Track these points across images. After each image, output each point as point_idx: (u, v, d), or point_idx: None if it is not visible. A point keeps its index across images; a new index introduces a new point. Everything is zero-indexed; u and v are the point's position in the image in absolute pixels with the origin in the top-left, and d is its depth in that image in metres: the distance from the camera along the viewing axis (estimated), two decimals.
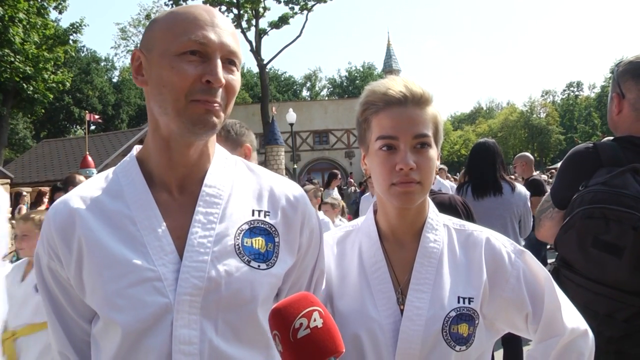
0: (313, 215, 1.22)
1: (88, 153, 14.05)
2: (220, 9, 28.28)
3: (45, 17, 22.40)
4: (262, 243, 1.10)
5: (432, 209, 1.32)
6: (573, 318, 1.26)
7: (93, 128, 37.85)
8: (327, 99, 51.00)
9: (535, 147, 52.31)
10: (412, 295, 1.22)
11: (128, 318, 0.98)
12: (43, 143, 24.45)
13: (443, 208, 1.38)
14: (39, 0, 21.74)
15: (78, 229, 1.04)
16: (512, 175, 4.95)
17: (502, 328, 1.31)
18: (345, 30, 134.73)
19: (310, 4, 29.42)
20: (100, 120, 31.44)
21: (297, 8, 29.55)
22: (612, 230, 1.57)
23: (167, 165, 1.11)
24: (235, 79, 1.08)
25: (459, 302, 1.21)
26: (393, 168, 1.18)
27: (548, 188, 2.62)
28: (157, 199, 1.08)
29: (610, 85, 1.89)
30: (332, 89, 63.96)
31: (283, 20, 29.45)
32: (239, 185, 1.16)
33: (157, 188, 1.10)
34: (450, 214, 1.39)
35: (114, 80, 46.38)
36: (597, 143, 1.82)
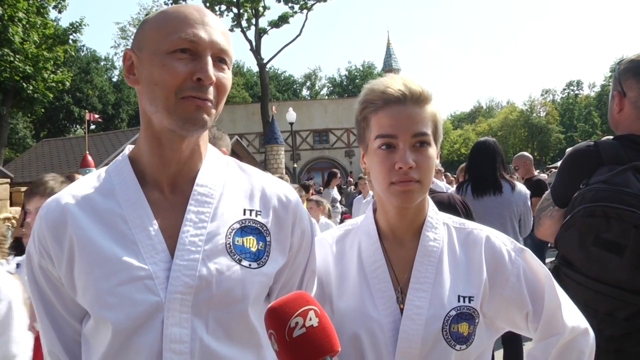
0: (305, 216, 1.23)
1: (88, 152, 14.01)
2: (220, 8, 28.30)
3: (45, 16, 22.36)
4: (253, 242, 1.10)
5: (431, 208, 1.32)
6: (573, 316, 1.26)
7: (93, 127, 37.84)
8: (327, 98, 51.05)
9: (535, 146, 52.31)
10: (412, 294, 1.22)
11: (119, 316, 0.98)
12: (43, 142, 24.42)
13: (442, 207, 1.37)
14: (39, 0, 21.72)
15: (70, 228, 1.04)
16: (511, 175, 4.91)
17: (502, 327, 1.30)
18: (345, 30, 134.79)
19: (310, 3, 29.41)
20: (100, 120, 31.42)
21: (296, 7, 29.55)
22: (613, 229, 1.56)
23: (159, 163, 1.11)
24: (226, 77, 1.08)
25: (459, 301, 1.21)
26: (392, 167, 1.18)
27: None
28: (148, 198, 1.08)
29: (612, 84, 1.89)
30: (332, 88, 63.97)
31: (283, 20, 29.44)
32: (231, 185, 1.16)
33: (148, 187, 1.11)
34: (449, 213, 1.38)
35: (114, 80, 46.31)
36: (598, 141, 1.81)
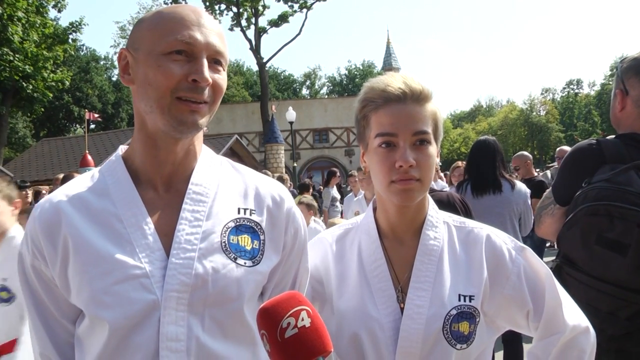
0: (297, 215, 1.24)
1: (88, 152, 14.00)
2: (220, 7, 28.30)
3: (45, 15, 22.33)
4: (248, 240, 1.11)
5: (432, 206, 1.31)
6: (574, 315, 1.25)
7: (93, 127, 37.79)
8: (326, 97, 51.04)
9: (535, 145, 52.30)
10: (412, 294, 1.21)
11: (115, 315, 0.98)
12: (43, 142, 24.39)
13: (441, 205, 1.37)
14: None
15: (64, 227, 1.04)
16: (511, 174, 4.86)
17: (502, 325, 1.30)
18: (345, 29, 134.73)
19: (310, 3, 29.41)
20: (100, 119, 31.40)
21: (296, 6, 29.56)
22: (616, 228, 1.55)
23: (153, 163, 1.11)
24: (222, 78, 1.09)
25: (460, 300, 1.21)
26: (392, 165, 1.17)
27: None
28: (143, 197, 1.09)
29: (614, 82, 1.88)
30: (331, 87, 63.96)
31: (282, 19, 29.45)
32: (225, 184, 1.17)
33: (143, 186, 1.11)
34: (449, 212, 1.38)
35: (114, 79, 46.24)
36: (600, 140, 1.80)
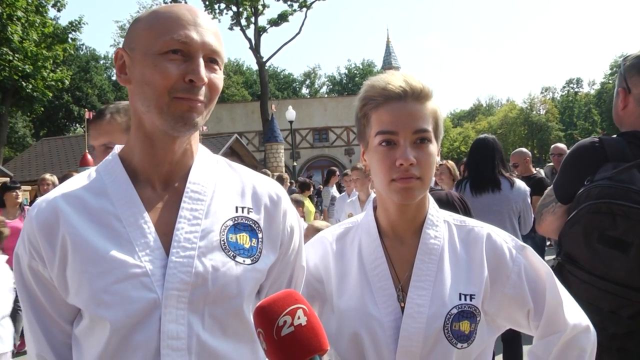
0: (294, 212, 1.24)
1: (87, 151, 14.00)
2: (220, 7, 28.29)
3: (44, 15, 22.31)
4: (246, 239, 1.11)
5: (432, 205, 1.31)
6: (575, 314, 1.25)
7: None
8: (326, 97, 51.05)
9: (535, 143, 52.31)
10: (413, 293, 1.21)
11: (116, 314, 0.98)
12: (42, 141, 24.38)
13: (440, 204, 1.37)
14: None
15: (62, 227, 1.03)
16: (511, 173, 4.81)
17: (503, 324, 1.30)
18: (345, 28, 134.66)
19: (310, 2, 29.41)
20: None
21: (296, 5, 29.56)
22: (619, 226, 1.55)
23: (151, 162, 1.11)
24: (218, 77, 1.09)
25: (461, 299, 1.20)
26: (393, 164, 1.17)
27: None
28: (141, 196, 1.08)
29: (617, 80, 1.88)
30: (331, 87, 63.95)
31: (282, 18, 29.45)
32: (222, 183, 1.17)
33: (141, 185, 1.11)
34: (448, 210, 1.37)
35: (113, 78, 46.22)
36: (603, 138, 1.80)
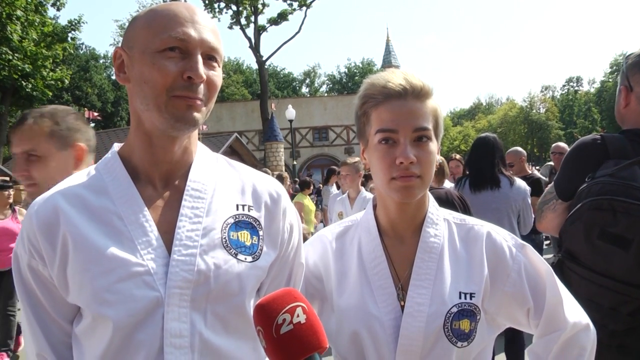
0: (293, 210, 1.25)
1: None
2: (220, 6, 28.27)
3: (44, 14, 22.28)
4: (247, 236, 1.12)
5: (432, 204, 1.31)
6: (575, 312, 1.25)
7: (92, 125, 37.62)
8: (326, 96, 51.07)
9: (535, 142, 52.33)
10: (412, 291, 1.21)
11: (119, 312, 0.98)
12: None
13: (440, 202, 1.36)
14: None
15: (62, 226, 1.03)
16: (511, 173, 4.78)
17: (503, 323, 1.29)
18: (344, 27, 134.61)
19: (309, 1, 29.39)
20: (100, 118, 31.44)
21: (295, 4, 29.56)
22: (620, 223, 1.55)
23: (150, 161, 1.11)
24: (217, 75, 1.08)
25: (461, 297, 1.20)
26: (393, 162, 1.16)
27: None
28: (142, 194, 1.08)
29: (619, 78, 1.88)
30: (331, 86, 63.99)
31: (282, 17, 29.45)
32: (222, 180, 1.17)
33: (141, 183, 1.11)
34: (447, 209, 1.37)
35: (113, 78, 46.18)
36: (604, 135, 1.80)
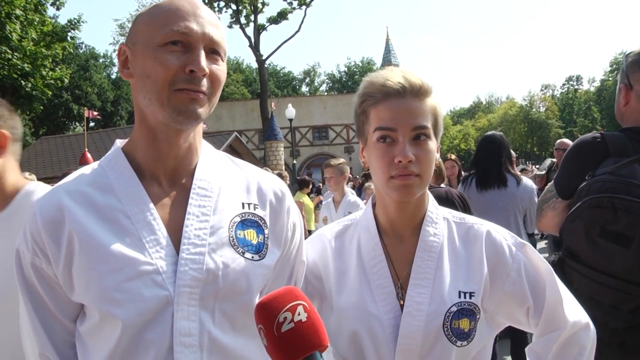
0: (296, 208, 1.26)
1: (87, 150, 14.03)
2: (219, 5, 28.24)
3: (43, 13, 22.24)
4: (253, 235, 1.12)
5: (431, 202, 1.31)
6: (575, 311, 1.25)
7: (92, 125, 37.66)
8: (326, 95, 51.09)
9: (535, 141, 52.33)
10: (412, 290, 1.21)
11: (128, 312, 0.97)
12: (42, 140, 24.37)
13: (440, 201, 1.36)
14: None
15: (67, 224, 1.02)
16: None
17: (502, 322, 1.29)
18: (344, 26, 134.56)
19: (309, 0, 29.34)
20: (99, 117, 31.43)
21: (295, 3, 29.52)
22: (620, 220, 1.55)
23: (155, 157, 1.11)
24: (220, 69, 1.08)
25: (460, 296, 1.20)
26: (392, 160, 1.16)
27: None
28: (148, 192, 1.08)
29: (619, 76, 1.87)
30: (331, 84, 63.97)
31: (282, 16, 29.42)
32: (227, 179, 1.17)
33: (147, 180, 1.10)
34: (447, 207, 1.37)
35: (113, 77, 46.26)
36: (604, 133, 1.80)
